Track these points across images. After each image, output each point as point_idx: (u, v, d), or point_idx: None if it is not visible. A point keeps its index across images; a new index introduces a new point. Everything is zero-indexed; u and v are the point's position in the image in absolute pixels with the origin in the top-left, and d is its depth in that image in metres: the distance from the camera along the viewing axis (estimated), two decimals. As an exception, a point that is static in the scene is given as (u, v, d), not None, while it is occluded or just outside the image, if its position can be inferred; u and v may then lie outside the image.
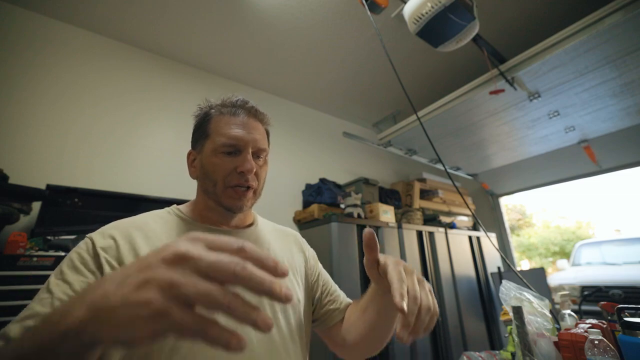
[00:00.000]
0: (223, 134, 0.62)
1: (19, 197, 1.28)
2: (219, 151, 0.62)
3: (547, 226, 10.98)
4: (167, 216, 0.65)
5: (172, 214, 0.66)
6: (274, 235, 0.75)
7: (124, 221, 0.60)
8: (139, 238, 0.57)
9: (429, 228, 2.49)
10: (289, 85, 2.57)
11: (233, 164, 0.62)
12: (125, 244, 0.55)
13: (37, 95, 1.65)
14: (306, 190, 2.46)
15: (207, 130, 0.65)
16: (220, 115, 0.65)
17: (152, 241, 0.58)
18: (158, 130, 1.99)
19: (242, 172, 0.62)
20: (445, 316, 2.24)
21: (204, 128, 0.66)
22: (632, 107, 1.99)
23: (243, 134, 0.63)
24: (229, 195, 0.63)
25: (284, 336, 0.60)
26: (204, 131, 0.66)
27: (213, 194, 0.63)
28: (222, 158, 0.62)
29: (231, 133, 0.62)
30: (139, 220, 0.62)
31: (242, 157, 0.62)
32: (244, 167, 0.61)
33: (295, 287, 0.68)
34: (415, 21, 1.21)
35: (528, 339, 0.80)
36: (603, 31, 1.35)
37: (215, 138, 0.63)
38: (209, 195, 0.64)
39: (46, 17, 1.77)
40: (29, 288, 1.10)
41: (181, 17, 1.84)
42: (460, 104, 1.89)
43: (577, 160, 2.76)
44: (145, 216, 0.64)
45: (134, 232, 0.58)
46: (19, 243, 1.17)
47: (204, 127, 0.66)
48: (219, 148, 0.62)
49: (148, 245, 0.56)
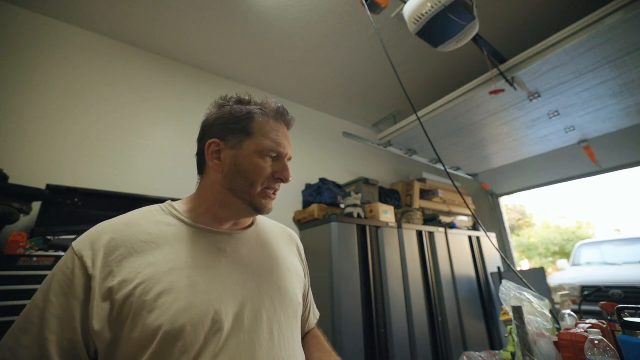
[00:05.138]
0: (272, 139, 0.63)
1: (19, 197, 1.28)
2: (264, 154, 0.62)
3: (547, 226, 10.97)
4: (163, 217, 0.61)
5: (167, 214, 0.62)
6: (273, 235, 0.75)
7: (115, 224, 0.56)
8: (137, 245, 0.54)
9: (429, 228, 2.49)
10: (289, 85, 2.57)
11: (272, 169, 0.64)
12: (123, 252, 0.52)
13: (37, 95, 1.65)
14: (306, 190, 2.46)
15: (250, 129, 0.63)
16: (265, 118, 0.65)
17: (150, 246, 0.55)
18: (158, 130, 1.99)
19: (280, 179, 0.65)
20: (445, 316, 2.24)
21: (245, 125, 0.63)
22: (632, 107, 1.99)
23: (286, 143, 0.66)
24: (263, 197, 0.63)
25: (293, 344, 0.62)
26: (246, 129, 0.63)
27: (245, 194, 0.62)
28: (266, 161, 0.63)
29: (279, 140, 0.64)
30: (132, 222, 0.57)
31: (283, 165, 0.65)
32: (285, 175, 0.65)
33: (297, 290, 0.68)
34: (415, 21, 1.21)
35: (528, 339, 0.80)
36: (603, 31, 1.35)
37: (262, 140, 0.62)
38: (236, 194, 0.62)
39: (46, 17, 1.77)
40: (29, 288, 1.10)
41: (181, 17, 1.84)
42: (460, 104, 1.89)
43: (577, 160, 2.76)
44: (137, 217, 0.59)
45: (130, 236, 0.55)
46: (19, 243, 1.17)
47: (245, 125, 0.63)
48: (265, 151, 0.62)
49: (148, 252, 0.54)
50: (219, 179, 0.63)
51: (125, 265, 0.51)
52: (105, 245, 0.52)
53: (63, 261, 0.52)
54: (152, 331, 0.48)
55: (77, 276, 0.50)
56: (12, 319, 1.06)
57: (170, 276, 0.52)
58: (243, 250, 0.64)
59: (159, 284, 0.51)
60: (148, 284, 0.50)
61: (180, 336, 0.48)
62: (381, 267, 2.06)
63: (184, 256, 0.56)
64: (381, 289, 2.01)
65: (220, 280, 0.56)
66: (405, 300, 2.08)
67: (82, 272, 0.50)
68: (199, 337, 0.49)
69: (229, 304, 0.55)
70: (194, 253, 0.57)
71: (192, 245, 0.58)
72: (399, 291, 2.07)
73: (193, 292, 0.52)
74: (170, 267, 0.53)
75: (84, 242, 0.53)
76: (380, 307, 1.96)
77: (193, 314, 0.50)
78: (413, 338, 1.99)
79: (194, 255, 0.57)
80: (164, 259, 0.54)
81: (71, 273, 0.50)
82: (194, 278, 0.54)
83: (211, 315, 0.52)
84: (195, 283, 0.53)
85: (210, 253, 0.59)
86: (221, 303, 0.54)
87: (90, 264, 0.50)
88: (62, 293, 0.49)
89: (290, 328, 0.62)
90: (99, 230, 0.55)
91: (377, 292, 1.98)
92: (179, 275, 0.53)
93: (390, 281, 2.04)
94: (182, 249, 0.56)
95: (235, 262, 0.61)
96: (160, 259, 0.54)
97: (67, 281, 0.50)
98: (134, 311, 0.48)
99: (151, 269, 0.52)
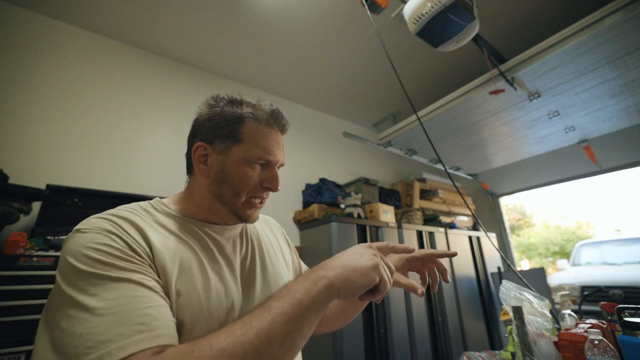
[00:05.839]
0: (262, 147, 0.59)
1: (19, 197, 1.28)
2: (252, 161, 0.59)
3: (547, 226, 10.97)
4: (156, 214, 0.57)
5: (160, 212, 0.58)
6: (261, 226, 0.76)
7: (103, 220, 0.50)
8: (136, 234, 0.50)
9: (429, 228, 2.49)
10: (288, 85, 2.57)
11: (260, 177, 0.60)
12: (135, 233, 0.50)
13: (37, 95, 1.65)
14: (306, 190, 2.46)
15: (239, 134, 0.59)
16: (256, 123, 0.60)
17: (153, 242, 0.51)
18: (158, 130, 1.99)
19: (268, 188, 0.61)
20: (445, 316, 2.24)
21: (234, 130, 0.59)
22: (632, 107, 2.00)
23: (277, 151, 0.62)
24: (247, 206, 0.60)
25: None
26: (235, 134, 0.59)
27: (229, 202, 0.59)
28: (254, 169, 0.59)
29: (269, 148, 0.60)
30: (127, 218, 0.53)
31: (272, 173, 0.61)
32: (274, 185, 0.61)
33: (284, 278, 0.70)
34: (415, 21, 1.21)
35: (528, 339, 0.80)
36: (603, 31, 1.35)
37: (251, 148, 0.58)
38: (222, 201, 0.59)
39: (46, 17, 1.77)
40: (29, 288, 1.10)
41: (181, 17, 1.84)
42: (460, 104, 1.89)
43: (577, 160, 2.76)
44: (129, 213, 0.54)
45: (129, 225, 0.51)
46: (19, 243, 1.17)
47: (234, 129, 0.59)
48: (253, 159, 0.59)
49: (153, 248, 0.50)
50: (206, 183, 0.60)
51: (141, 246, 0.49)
52: (128, 227, 0.49)
53: (94, 236, 0.45)
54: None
55: (127, 238, 0.47)
56: (12, 319, 1.07)
57: (171, 274, 0.51)
58: (242, 244, 0.65)
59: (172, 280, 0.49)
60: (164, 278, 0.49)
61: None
62: (381, 267, 2.06)
63: (188, 251, 0.55)
64: (381, 289, 2.01)
65: (227, 276, 0.57)
66: (405, 300, 2.08)
67: (126, 237, 0.47)
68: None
69: (240, 299, 0.56)
70: (197, 248, 0.56)
71: (194, 240, 0.57)
72: (399, 291, 2.07)
73: (205, 289, 0.52)
74: (171, 264, 0.52)
75: (107, 219, 0.49)
76: (380, 307, 1.96)
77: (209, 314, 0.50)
78: (413, 338, 1.99)
79: (197, 250, 0.56)
80: (163, 257, 0.52)
81: (118, 237, 0.46)
82: (204, 274, 0.54)
83: (223, 312, 0.52)
84: (206, 279, 0.53)
85: (212, 247, 0.59)
86: (234, 299, 0.55)
87: (131, 235, 0.48)
88: (122, 254, 0.44)
89: None
90: (94, 221, 0.49)
91: (377, 292, 1.98)
92: (189, 271, 0.52)
93: (390, 281, 2.04)
94: (179, 246, 0.55)
95: (236, 255, 0.62)
96: (159, 257, 0.52)
97: (117, 244, 0.45)
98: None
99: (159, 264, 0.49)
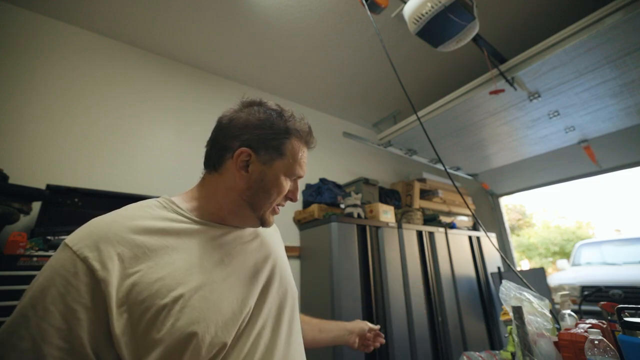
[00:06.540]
0: (299, 164, 0.65)
1: (19, 197, 1.28)
2: (289, 176, 0.64)
3: (547, 226, 10.96)
4: (166, 214, 0.56)
5: (169, 211, 0.57)
6: (267, 229, 0.77)
7: (115, 219, 0.50)
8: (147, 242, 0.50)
9: (429, 228, 2.49)
10: (288, 85, 2.57)
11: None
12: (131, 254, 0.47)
13: (37, 95, 1.65)
14: (306, 190, 2.46)
15: (283, 149, 0.62)
16: (299, 142, 0.65)
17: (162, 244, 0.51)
18: (158, 130, 1.99)
19: (290, 198, 0.67)
20: (445, 316, 2.24)
21: (280, 143, 0.61)
22: (632, 107, 1.99)
23: (306, 167, 0.68)
24: (272, 212, 0.65)
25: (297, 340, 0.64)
26: (279, 148, 0.61)
27: (259, 209, 0.62)
28: (288, 182, 0.64)
29: (303, 165, 0.66)
30: (135, 217, 0.52)
31: (296, 186, 0.67)
32: (295, 196, 0.67)
33: (293, 281, 0.71)
34: (415, 21, 1.21)
35: (528, 339, 0.80)
36: (603, 31, 1.35)
37: (293, 164, 0.63)
38: (253, 207, 0.61)
39: (46, 17, 1.77)
40: (29, 288, 1.10)
41: (181, 17, 1.84)
42: (460, 104, 1.89)
43: (577, 160, 2.76)
44: (137, 214, 0.53)
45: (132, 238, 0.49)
46: (19, 243, 1.17)
47: (280, 143, 0.61)
48: (290, 174, 0.64)
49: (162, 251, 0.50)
50: (240, 188, 0.60)
51: (140, 265, 0.47)
52: (114, 244, 0.46)
53: (58, 264, 0.44)
54: (185, 335, 0.45)
55: (82, 281, 0.43)
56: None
57: (192, 276, 0.50)
58: (253, 248, 0.66)
59: (182, 284, 0.48)
60: (170, 284, 0.47)
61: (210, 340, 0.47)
62: (381, 267, 2.06)
63: (200, 255, 0.54)
64: (381, 289, 2.01)
65: (242, 280, 0.58)
66: (405, 300, 2.08)
67: (89, 276, 0.43)
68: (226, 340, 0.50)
69: (255, 304, 0.57)
70: (209, 251, 0.56)
71: (206, 243, 0.57)
72: (399, 291, 2.07)
73: (219, 292, 0.52)
74: (189, 266, 0.51)
75: (83, 241, 0.46)
76: (380, 307, 1.96)
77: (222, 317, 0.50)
78: (413, 338, 1.99)
79: (209, 253, 0.56)
80: (180, 258, 0.51)
81: (73, 277, 0.43)
82: (216, 278, 0.54)
83: (244, 314, 0.53)
84: (219, 283, 0.53)
85: (225, 251, 0.59)
86: (248, 303, 0.55)
87: (98, 267, 0.44)
88: (63, 301, 0.42)
89: (297, 320, 0.66)
90: (99, 226, 0.48)
91: (377, 292, 1.98)
92: (200, 275, 0.51)
93: (390, 281, 2.04)
94: (195, 247, 0.54)
95: (249, 259, 0.63)
96: (176, 258, 0.51)
97: (69, 287, 0.43)
98: (159, 315, 0.45)
99: (169, 269, 0.49)
